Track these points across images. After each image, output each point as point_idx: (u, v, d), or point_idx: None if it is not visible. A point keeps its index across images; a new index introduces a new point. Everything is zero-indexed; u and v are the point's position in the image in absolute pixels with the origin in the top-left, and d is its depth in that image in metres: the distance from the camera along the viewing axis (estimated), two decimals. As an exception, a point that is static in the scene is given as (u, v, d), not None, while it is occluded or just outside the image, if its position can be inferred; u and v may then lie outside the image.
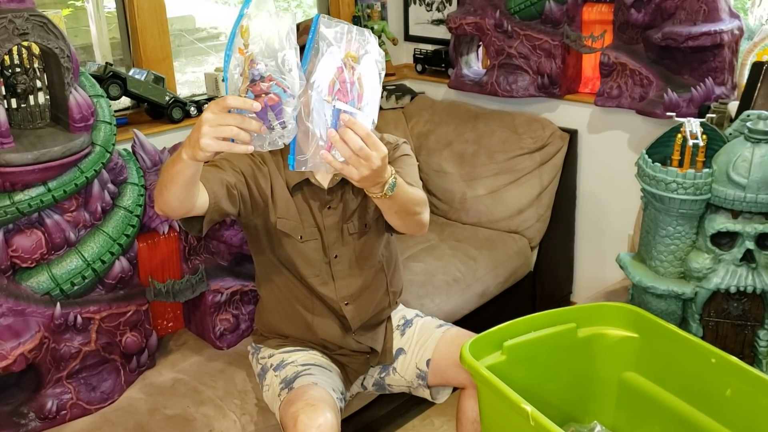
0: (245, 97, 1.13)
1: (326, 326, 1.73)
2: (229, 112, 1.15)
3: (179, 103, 2.35)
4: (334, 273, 1.70)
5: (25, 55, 1.70)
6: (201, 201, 1.47)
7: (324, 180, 1.65)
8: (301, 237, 1.66)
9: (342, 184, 1.65)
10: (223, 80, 1.20)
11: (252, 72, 1.11)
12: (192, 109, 2.39)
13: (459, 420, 1.74)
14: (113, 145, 1.80)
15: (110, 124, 1.80)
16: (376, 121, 1.24)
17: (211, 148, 1.18)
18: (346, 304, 1.71)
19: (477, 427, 1.68)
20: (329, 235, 1.68)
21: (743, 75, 2.15)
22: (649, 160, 1.71)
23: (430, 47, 3.02)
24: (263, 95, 1.12)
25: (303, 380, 1.61)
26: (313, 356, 1.72)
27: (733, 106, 2.03)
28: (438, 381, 1.75)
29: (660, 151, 1.77)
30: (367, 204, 1.69)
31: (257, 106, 1.12)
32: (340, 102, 1.17)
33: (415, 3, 3.08)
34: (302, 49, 1.17)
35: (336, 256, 1.69)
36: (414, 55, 3.06)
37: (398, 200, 1.44)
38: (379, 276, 1.76)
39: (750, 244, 1.61)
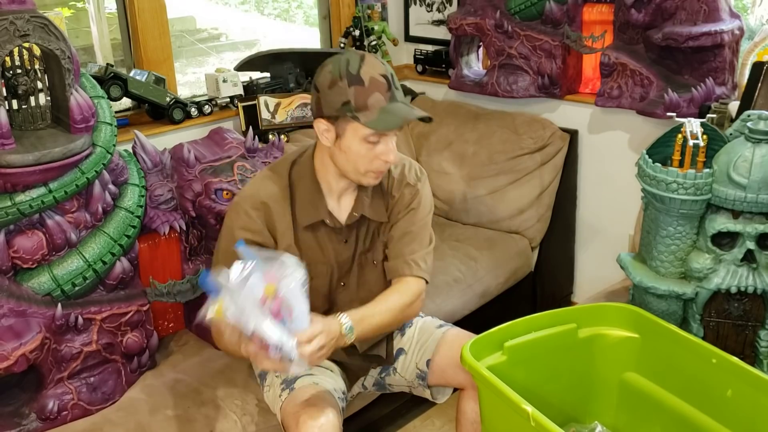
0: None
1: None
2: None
3: (180, 104, 2.36)
4: (340, 300, 1.68)
5: (26, 57, 1.70)
6: None
7: (342, 217, 1.62)
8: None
9: (359, 221, 1.63)
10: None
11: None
12: (193, 110, 2.40)
13: (458, 421, 1.74)
14: (114, 146, 1.80)
15: (111, 125, 1.80)
16: (308, 317, 1.37)
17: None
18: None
19: (477, 427, 1.68)
20: (341, 268, 1.66)
21: (744, 75, 2.15)
22: (650, 160, 1.71)
23: (430, 48, 3.02)
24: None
25: (304, 381, 1.61)
26: (315, 356, 1.73)
27: (733, 106, 2.03)
28: (438, 381, 1.75)
29: (660, 151, 1.77)
30: (376, 244, 1.68)
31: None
32: (273, 328, 1.29)
33: (415, 3, 3.08)
34: None
35: (343, 284, 1.68)
36: (414, 56, 3.06)
37: (367, 334, 1.54)
38: None
39: (751, 245, 1.61)
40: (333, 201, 1.61)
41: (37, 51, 1.69)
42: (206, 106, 2.44)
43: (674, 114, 1.88)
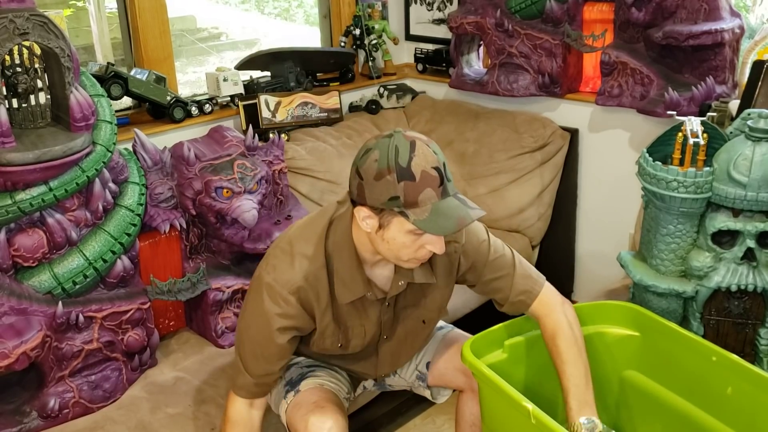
0: None
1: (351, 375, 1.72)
2: None
3: (180, 102, 2.36)
4: (380, 350, 1.63)
5: (25, 55, 1.70)
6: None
7: (384, 283, 1.50)
8: (340, 345, 1.55)
9: (403, 290, 1.52)
10: None
11: None
12: (193, 108, 2.40)
13: (457, 422, 1.74)
14: (114, 144, 1.81)
15: (111, 123, 1.81)
16: None
17: None
18: (384, 376, 1.72)
19: (475, 429, 1.68)
20: (383, 326, 1.57)
21: (744, 74, 2.15)
22: (650, 158, 1.71)
23: (431, 46, 3.03)
24: None
25: (309, 382, 1.60)
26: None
27: (734, 104, 2.03)
28: (437, 382, 1.75)
29: (661, 149, 1.77)
30: (427, 305, 1.58)
31: None
32: None
33: (415, 2, 3.08)
34: None
35: (386, 337, 1.61)
36: (415, 55, 3.06)
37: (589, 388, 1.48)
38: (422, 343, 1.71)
39: (751, 243, 1.61)
40: (372, 269, 1.48)
41: (37, 49, 1.69)
42: (207, 105, 2.44)
43: (674, 112, 1.88)
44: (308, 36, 4.90)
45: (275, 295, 1.42)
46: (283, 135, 2.41)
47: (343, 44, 2.95)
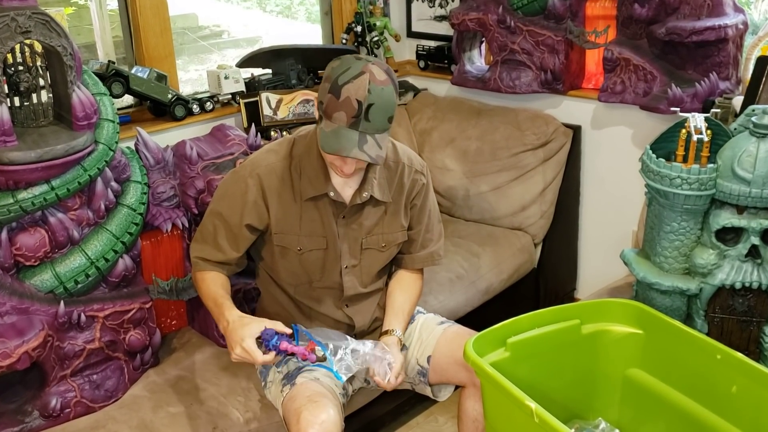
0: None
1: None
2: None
3: (182, 101, 2.36)
4: (345, 283, 1.72)
5: (27, 53, 1.70)
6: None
7: (347, 195, 1.66)
8: (299, 249, 1.67)
9: (363, 203, 1.67)
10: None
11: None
12: (194, 106, 2.39)
13: (460, 418, 1.74)
14: (116, 143, 1.81)
15: (113, 122, 1.80)
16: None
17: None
18: (347, 306, 1.75)
19: (478, 425, 1.68)
20: (342, 245, 1.69)
21: (748, 70, 2.14)
22: (653, 155, 1.70)
23: (432, 43, 3.02)
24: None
25: (305, 376, 1.62)
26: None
27: (737, 100, 2.02)
28: (438, 379, 1.75)
29: (664, 146, 1.77)
30: (392, 229, 1.73)
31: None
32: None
33: (417, -1, 3.07)
34: None
35: (346, 267, 1.71)
36: (417, 52, 3.05)
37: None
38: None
39: (755, 240, 1.61)
40: (339, 179, 1.63)
41: (38, 47, 1.69)
42: (208, 103, 2.44)
43: (678, 109, 1.88)
44: (309, 33, 4.89)
45: (238, 178, 1.65)
46: (284, 133, 2.40)
47: (344, 41, 2.95)
